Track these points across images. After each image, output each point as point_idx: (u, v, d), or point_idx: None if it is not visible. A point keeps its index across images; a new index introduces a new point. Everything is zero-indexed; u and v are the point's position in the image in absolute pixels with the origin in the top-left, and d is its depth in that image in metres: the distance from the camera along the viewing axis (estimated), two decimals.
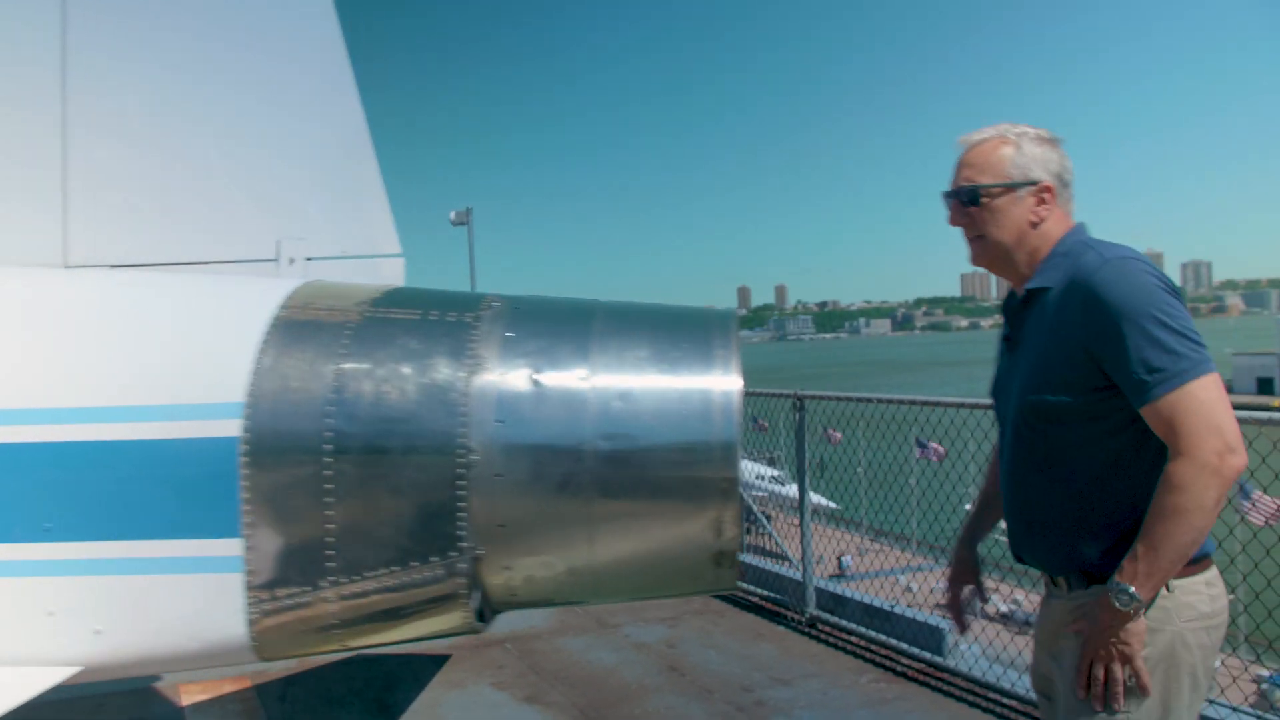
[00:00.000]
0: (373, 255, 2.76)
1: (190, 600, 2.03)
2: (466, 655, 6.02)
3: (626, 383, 2.08)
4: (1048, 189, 2.25)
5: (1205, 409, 1.96)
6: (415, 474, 2.02)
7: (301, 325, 2.15)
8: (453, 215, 25.03)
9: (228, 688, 5.58)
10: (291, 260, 2.75)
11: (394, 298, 2.26)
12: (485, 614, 2.19)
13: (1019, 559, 2.35)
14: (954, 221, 2.34)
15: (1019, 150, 2.26)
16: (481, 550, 2.07)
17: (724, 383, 2.08)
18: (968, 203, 2.29)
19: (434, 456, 2.02)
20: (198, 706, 5.35)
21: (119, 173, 2.59)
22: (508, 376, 2.08)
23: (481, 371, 2.08)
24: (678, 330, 2.18)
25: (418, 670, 5.80)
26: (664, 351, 2.11)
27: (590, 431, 2.04)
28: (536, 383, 2.08)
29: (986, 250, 2.32)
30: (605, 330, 2.18)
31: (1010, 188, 2.25)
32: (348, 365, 2.08)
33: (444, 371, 2.07)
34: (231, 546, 2.01)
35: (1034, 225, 2.26)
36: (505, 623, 6.62)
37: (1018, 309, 2.31)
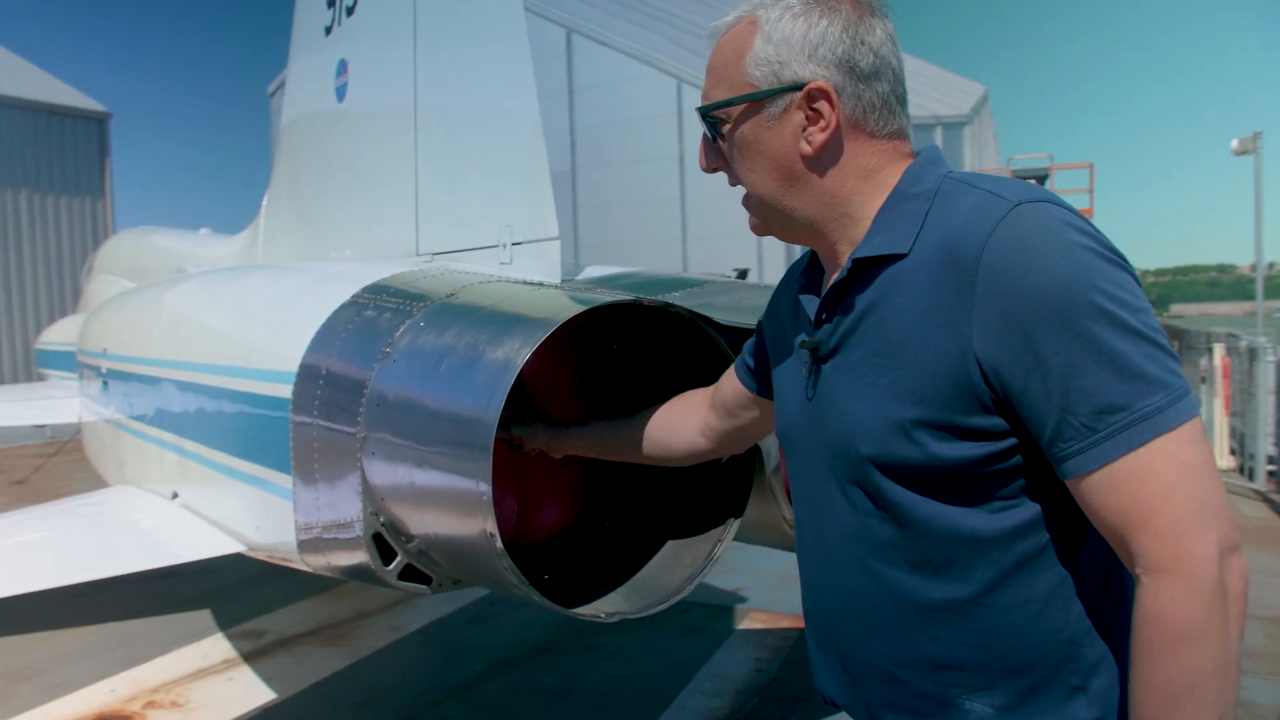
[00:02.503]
0: (541, 239, 3.28)
1: (270, 513, 2.99)
2: None
3: (453, 382, 2.32)
4: (821, 91, 1.44)
5: (1191, 480, 1.24)
6: (340, 445, 2.62)
7: (351, 310, 2.88)
8: (1235, 144, 20.65)
9: (784, 623, 6.46)
10: (504, 245, 3.46)
11: (406, 283, 2.84)
12: (436, 581, 2.66)
13: (826, 700, 1.67)
14: (705, 164, 1.64)
15: (765, 35, 1.47)
16: (384, 518, 2.57)
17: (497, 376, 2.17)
18: (712, 134, 1.58)
19: (345, 433, 2.59)
20: (745, 631, 6.35)
21: (436, 184, 3.65)
22: (392, 363, 2.50)
23: (383, 359, 2.55)
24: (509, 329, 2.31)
25: None
26: (489, 345, 2.28)
27: (412, 420, 2.36)
28: (401, 371, 2.47)
29: (754, 211, 1.60)
30: (471, 333, 2.41)
31: (756, 100, 1.49)
32: (335, 345, 2.76)
33: (366, 357, 2.60)
34: (286, 480, 2.90)
35: (811, 159, 1.48)
36: None
37: (833, 292, 1.51)
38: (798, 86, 1.45)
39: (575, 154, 23.65)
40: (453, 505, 2.26)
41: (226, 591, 7.39)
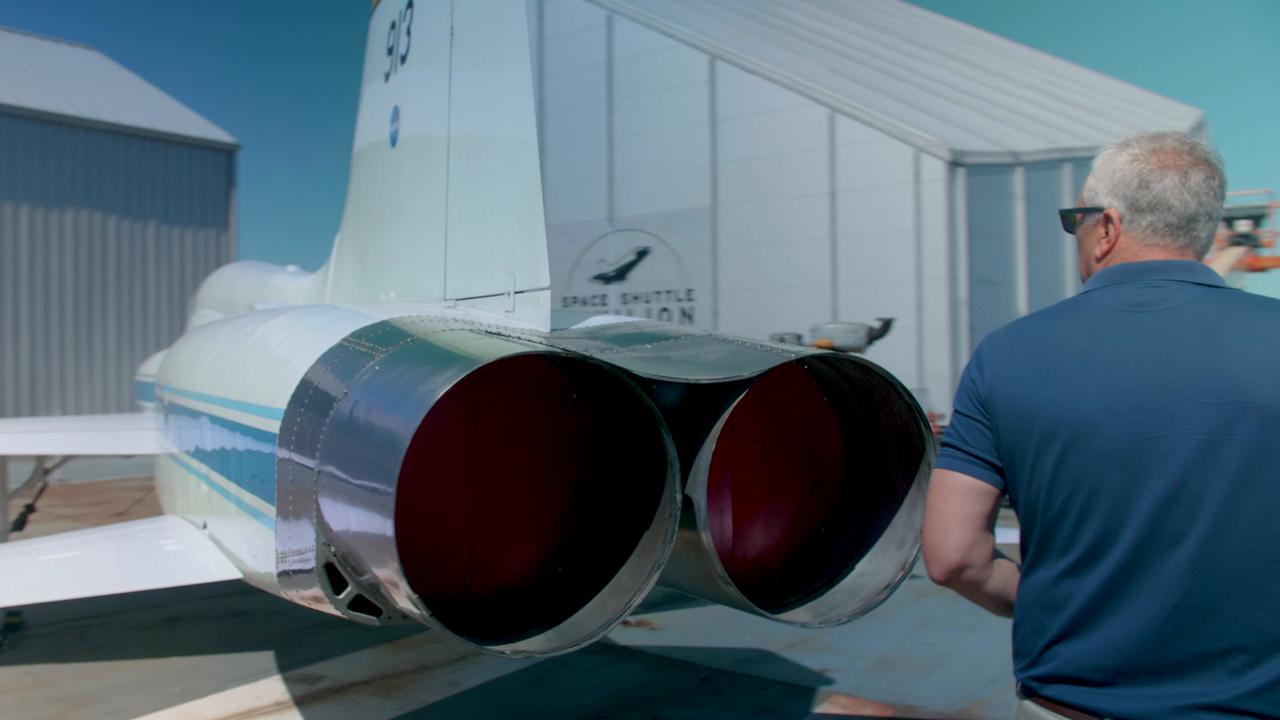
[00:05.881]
0: (535, 289, 3.84)
1: (261, 542, 3.65)
2: None
3: (381, 419, 2.93)
4: (1109, 218, 2.35)
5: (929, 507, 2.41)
6: (304, 478, 3.25)
7: (337, 353, 3.54)
8: None
9: (867, 710, 6.77)
10: (509, 294, 4.08)
11: (385, 329, 3.48)
12: (386, 614, 3.26)
13: None
14: None
15: (1099, 165, 2.40)
16: (334, 548, 3.17)
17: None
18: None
19: (307, 467, 3.23)
20: (822, 716, 6.70)
21: (461, 232, 4.34)
22: (346, 402, 3.13)
23: (341, 399, 3.18)
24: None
25: None
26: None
27: (350, 454, 3.02)
28: (349, 410, 3.11)
29: None
30: (409, 375, 3.03)
31: (1085, 213, 2.43)
32: (313, 386, 3.42)
33: (330, 397, 3.23)
34: (270, 510, 3.56)
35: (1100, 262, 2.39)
36: None
37: None
38: (1099, 209, 2.38)
39: (717, 189, 23.66)
40: (369, 539, 2.85)
41: (293, 635, 8.24)
